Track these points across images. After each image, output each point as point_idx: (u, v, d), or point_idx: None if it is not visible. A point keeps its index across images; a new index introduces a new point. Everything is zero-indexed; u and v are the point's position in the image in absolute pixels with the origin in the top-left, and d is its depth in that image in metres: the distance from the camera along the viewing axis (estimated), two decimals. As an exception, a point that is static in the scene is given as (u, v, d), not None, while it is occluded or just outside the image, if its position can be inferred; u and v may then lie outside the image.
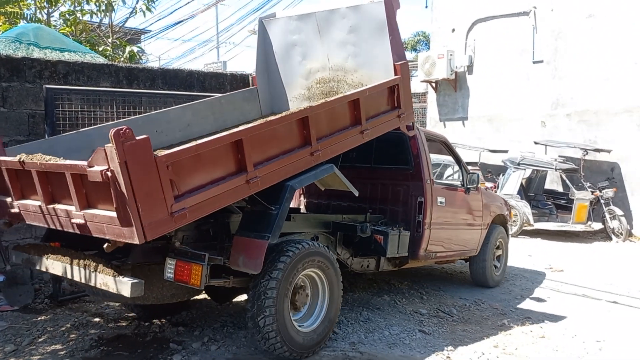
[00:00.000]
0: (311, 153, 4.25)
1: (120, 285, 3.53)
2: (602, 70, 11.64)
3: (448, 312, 5.69)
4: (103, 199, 3.29)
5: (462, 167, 6.52)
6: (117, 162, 3.02)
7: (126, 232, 3.18)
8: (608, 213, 10.74)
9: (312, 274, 4.37)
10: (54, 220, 3.70)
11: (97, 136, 4.53)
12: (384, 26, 5.11)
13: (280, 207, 4.00)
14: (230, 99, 5.80)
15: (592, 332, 5.31)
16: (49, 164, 3.54)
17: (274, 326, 3.92)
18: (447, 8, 14.75)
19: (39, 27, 8.12)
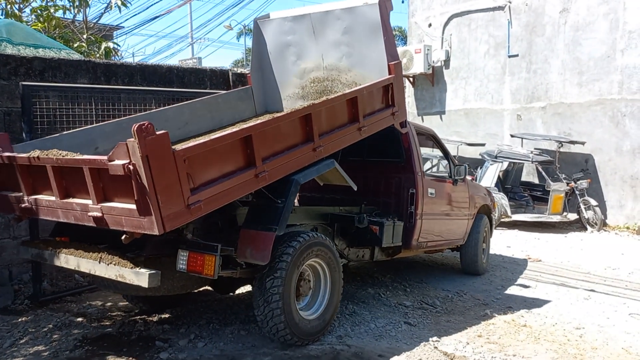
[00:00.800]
0: (314, 149, 4.44)
1: (138, 276, 3.64)
2: (576, 63, 11.86)
3: (432, 303, 5.76)
4: (121, 192, 3.39)
5: (449, 160, 6.72)
6: (139, 156, 3.13)
7: (145, 224, 3.29)
8: (583, 204, 10.97)
9: (315, 263, 4.53)
10: (69, 214, 3.77)
11: (98, 133, 4.72)
12: (378, 27, 5.28)
13: (287, 201, 4.18)
14: (226, 98, 5.90)
15: (572, 320, 5.43)
16: (66, 159, 3.62)
17: (282, 318, 4.08)
18: (423, 3, 14.85)
19: (11, 22, 7.92)
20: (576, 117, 11.93)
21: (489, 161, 11.67)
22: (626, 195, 11.23)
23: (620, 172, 11.26)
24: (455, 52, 14.14)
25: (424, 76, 14.42)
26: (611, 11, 11.31)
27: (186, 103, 5.50)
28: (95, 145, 4.62)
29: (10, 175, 4.12)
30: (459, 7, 13.97)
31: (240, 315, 5.08)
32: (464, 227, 6.84)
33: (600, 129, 11.53)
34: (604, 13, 11.43)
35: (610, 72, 11.34)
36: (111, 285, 4.30)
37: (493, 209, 7.74)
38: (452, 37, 14.17)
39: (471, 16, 13.78)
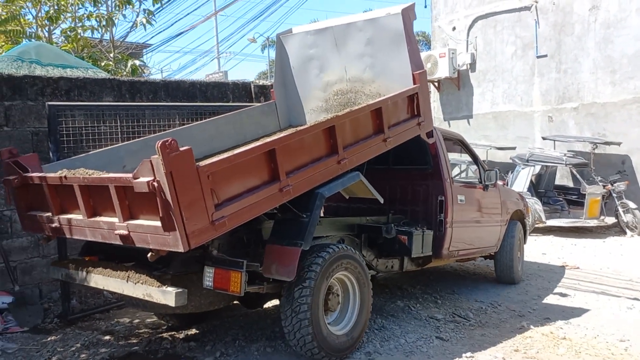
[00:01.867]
0: (338, 161, 4.37)
1: (165, 295, 3.64)
2: (608, 61, 11.51)
3: (464, 316, 5.57)
4: (146, 209, 3.40)
5: (479, 165, 6.58)
6: (163, 172, 3.14)
7: (170, 241, 3.29)
8: (621, 207, 10.57)
9: (344, 277, 4.45)
10: (96, 233, 3.80)
11: (125, 152, 4.77)
12: (402, 37, 5.21)
13: (312, 215, 4.13)
14: (250, 113, 5.91)
15: (615, 332, 5.18)
16: (92, 178, 3.66)
17: (309, 330, 4.00)
18: (446, 7, 14.67)
19: (40, 44, 8.10)
20: (610, 117, 11.55)
21: (520, 165, 11.38)
22: (666, 196, 10.81)
23: (660, 172, 10.87)
24: (481, 55, 13.90)
25: (450, 80, 14.21)
26: (644, 7, 10.97)
27: (211, 119, 5.54)
28: (123, 164, 4.65)
29: (40, 195, 4.15)
30: (484, 9, 13.74)
31: (267, 331, 5.00)
32: (496, 234, 6.64)
33: (637, 128, 11.12)
34: (637, 8, 11.07)
35: (645, 70, 10.97)
36: (139, 304, 4.31)
37: (527, 215, 7.51)
38: (477, 40, 13.94)
39: (496, 17, 13.53)
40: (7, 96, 5.56)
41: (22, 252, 5.63)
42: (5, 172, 4.25)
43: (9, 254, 5.54)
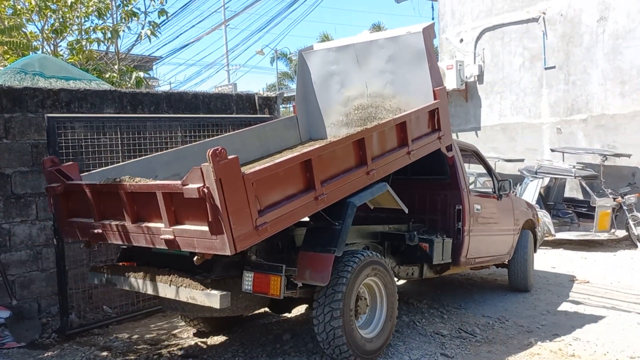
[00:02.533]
0: (367, 172, 4.56)
1: (209, 298, 3.79)
2: (617, 73, 11.38)
3: (471, 332, 5.42)
4: (193, 215, 3.56)
5: (492, 175, 6.80)
6: (213, 179, 3.31)
7: (217, 245, 3.44)
8: (632, 219, 10.37)
9: (371, 282, 4.60)
10: (140, 238, 3.92)
11: (157, 162, 4.98)
12: (422, 55, 5.44)
13: (344, 223, 4.31)
14: (273, 127, 6.15)
15: (626, 349, 5.02)
16: (139, 185, 3.82)
17: (341, 332, 4.15)
18: (454, 19, 14.63)
19: (44, 57, 8.11)
20: (620, 129, 11.39)
21: (528, 177, 11.22)
22: (679, 209, 10.59)
23: (671, 184, 10.66)
24: (488, 67, 13.81)
25: (457, 92, 14.12)
26: (653, 17, 10.84)
27: (237, 132, 5.77)
28: (155, 173, 4.77)
29: (82, 202, 4.27)
30: (491, 21, 13.68)
31: (267, 348, 4.89)
32: (510, 242, 6.80)
33: (647, 140, 10.97)
34: (645, 19, 10.96)
35: (655, 81, 10.82)
36: (178, 307, 4.49)
37: (537, 224, 7.63)
38: (484, 52, 13.86)
39: (504, 29, 13.46)
40: (7, 108, 5.52)
41: (20, 265, 5.56)
42: (48, 180, 4.40)
43: (7, 267, 5.47)
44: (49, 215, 5.57)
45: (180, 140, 6.45)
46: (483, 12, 13.93)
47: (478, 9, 14.05)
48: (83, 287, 5.72)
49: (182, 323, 5.74)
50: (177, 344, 5.14)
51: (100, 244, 4.89)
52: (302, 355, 4.73)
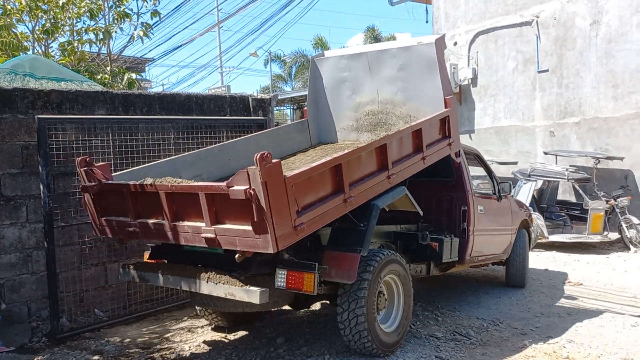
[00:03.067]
0: (388, 176, 4.79)
1: (249, 294, 3.99)
2: (610, 76, 11.42)
3: (465, 334, 5.40)
4: (235, 215, 3.75)
5: (492, 177, 7.07)
6: (259, 181, 3.50)
7: (260, 243, 3.63)
8: (624, 222, 10.40)
9: (390, 279, 4.83)
10: (178, 236, 4.10)
11: (181, 163, 5.16)
12: (434, 64, 5.69)
13: (369, 224, 4.56)
14: (286, 130, 6.42)
15: (619, 351, 5.01)
16: (182, 186, 3.99)
17: (365, 326, 4.40)
18: (448, 22, 14.66)
19: (34, 57, 8.02)
20: (613, 132, 11.43)
21: (522, 180, 11.23)
22: (671, 211, 10.62)
23: (663, 187, 10.70)
24: (482, 70, 13.84)
25: (451, 95, 14.11)
26: (645, 21, 10.89)
27: (253, 135, 6.04)
28: (180, 174, 4.89)
29: (117, 201, 4.43)
30: (485, 24, 13.71)
31: (261, 351, 4.85)
32: (508, 241, 7.10)
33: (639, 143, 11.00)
34: (638, 23, 11.01)
35: (647, 84, 10.86)
36: (210, 303, 4.69)
37: (531, 224, 7.92)
38: (478, 55, 13.89)
39: (497, 33, 13.49)
40: (-3, 109, 5.45)
41: (10, 268, 5.49)
42: (82, 179, 4.54)
43: (-4, 271, 5.40)
44: (40, 218, 5.51)
45: (173, 142, 6.41)
46: (477, 15, 13.96)
47: (472, 13, 14.08)
48: (74, 290, 5.66)
49: (174, 327, 5.69)
50: (170, 347, 5.09)
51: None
52: (296, 358, 4.69)
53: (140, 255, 5.51)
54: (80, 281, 5.73)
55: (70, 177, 5.65)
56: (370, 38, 36.69)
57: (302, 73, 38.34)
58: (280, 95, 28.80)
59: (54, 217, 5.38)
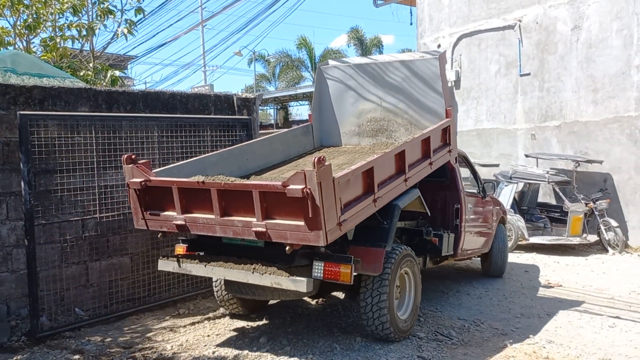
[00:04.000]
0: (405, 179, 5.25)
1: (296, 283, 4.35)
2: (590, 81, 11.60)
3: (447, 334, 5.45)
4: (286, 211, 4.09)
5: (477, 178, 7.67)
6: (315, 182, 3.87)
7: (312, 237, 4.01)
8: (603, 225, 10.57)
9: (403, 272, 5.26)
10: (227, 230, 4.44)
11: (207, 163, 5.50)
12: (437, 77, 6.24)
13: (391, 222, 5.06)
14: (294, 133, 6.83)
15: (597, 351, 5.10)
16: (235, 184, 4.33)
17: (386, 312, 4.84)
18: (432, 24, 14.75)
19: (16, 53, 7.91)
20: (592, 136, 11.61)
21: (503, 182, 11.35)
22: (648, 215, 10.83)
23: (641, 191, 10.89)
24: (465, 73, 13.96)
25: (435, 97, 14.20)
26: (624, 27, 11.07)
27: (266, 138, 6.41)
28: (206, 173, 5.20)
29: (160, 197, 4.76)
30: (468, 27, 13.83)
31: (243, 351, 4.83)
32: (491, 236, 7.71)
33: (618, 147, 11.18)
34: (617, 29, 11.20)
35: (627, 89, 11.04)
36: (249, 292, 5.07)
37: (506, 219, 8.63)
38: (461, 58, 14.01)
39: (481, 36, 13.62)
40: (-22, 105, 5.36)
41: (-10, 266, 5.40)
42: (128, 175, 4.82)
43: (-25, 268, 5.32)
44: (20, 215, 5.43)
45: (157, 140, 6.37)
46: (460, 18, 14.08)
47: (455, 16, 14.20)
48: (54, 289, 5.60)
49: (156, 326, 5.66)
50: (152, 347, 5.05)
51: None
52: (279, 358, 4.70)
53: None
54: (60, 280, 5.67)
55: (52, 174, 5.60)
56: (354, 39, 36.80)
57: (285, 73, 38.30)
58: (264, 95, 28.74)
59: (35, 215, 5.32)
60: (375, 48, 37.11)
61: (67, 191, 5.67)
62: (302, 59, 38.17)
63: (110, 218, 6.02)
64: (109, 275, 6.06)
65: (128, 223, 6.18)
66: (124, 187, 6.11)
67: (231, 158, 5.80)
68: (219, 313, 6.08)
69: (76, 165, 5.74)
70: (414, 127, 6.50)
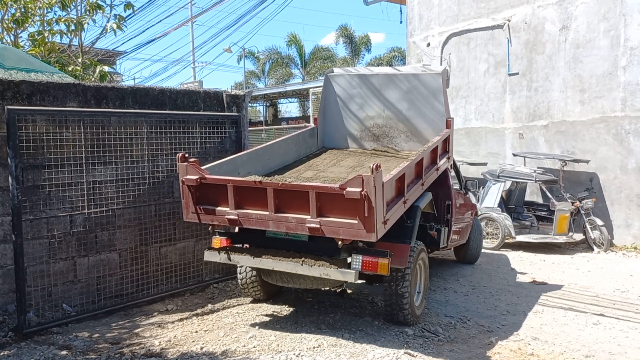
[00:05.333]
0: (422, 184, 5.81)
1: (344, 274, 4.88)
2: (577, 81, 11.72)
3: (434, 331, 5.51)
4: (339, 210, 4.54)
5: (459, 175, 8.56)
6: (372, 185, 4.35)
7: (364, 234, 4.49)
8: (589, 223, 10.69)
9: (418, 265, 5.76)
10: (280, 225, 4.83)
11: (239, 162, 5.85)
12: (440, 90, 6.88)
13: (414, 221, 5.63)
14: (303, 136, 7.28)
15: (581, 348, 5.18)
16: (293, 184, 4.75)
17: (407, 300, 5.40)
18: (421, 23, 14.81)
19: (4, 47, 7.84)
20: (579, 135, 11.74)
21: (491, 181, 11.45)
22: (633, 214, 10.97)
23: (626, 190, 11.03)
24: (454, 71, 14.04)
25: (424, 96, 14.25)
26: (612, 28, 11.20)
27: (282, 139, 6.83)
28: (238, 171, 5.70)
29: (213, 193, 5.10)
30: (457, 26, 13.91)
31: (231, 347, 4.84)
32: (469, 228, 8.47)
33: (605, 146, 11.32)
34: (605, 30, 11.32)
35: (613, 89, 11.18)
36: (290, 281, 5.57)
37: (477, 212, 9.54)
38: (451, 57, 14.09)
39: (470, 35, 13.70)
40: (-35, 99, 5.32)
41: (-24, 262, 5.37)
42: (182, 172, 5.14)
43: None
44: (8, 210, 5.41)
45: (145, 137, 6.36)
46: (450, 17, 14.15)
47: (445, 15, 14.27)
48: (42, 284, 5.58)
49: (144, 322, 5.65)
50: (140, 343, 5.05)
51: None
52: (266, 354, 4.72)
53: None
54: (48, 275, 5.65)
55: (40, 169, 5.57)
56: (343, 36, 36.86)
57: (275, 70, 38.25)
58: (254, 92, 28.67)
59: (23, 210, 5.30)
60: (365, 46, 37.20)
61: (55, 186, 5.65)
62: (291, 56, 38.18)
63: (98, 214, 6.01)
64: (97, 271, 6.05)
65: (116, 219, 6.18)
66: (112, 183, 6.12)
67: (257, 157, 6.21)
68: (207, 309, 6.09)
69: (64, 160, 5.72)
70: (414, 135, 7.14)
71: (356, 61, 36.85)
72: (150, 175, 6.43)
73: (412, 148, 7.16)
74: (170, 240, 6.66)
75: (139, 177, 6.34)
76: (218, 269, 7.08)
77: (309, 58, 37.83)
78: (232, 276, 7.10)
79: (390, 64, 33.72)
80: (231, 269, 7.05)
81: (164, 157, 6.57)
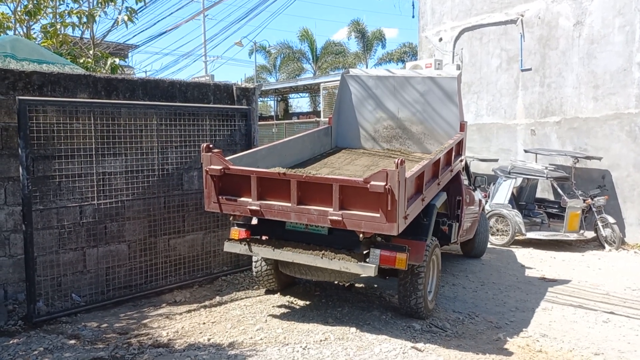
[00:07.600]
0: (438, 183, 5.93)
1: (364, 268, 4.94)
2: (591, 77, 11.59)
3: (441, 326, 5.48)
4: (362, 203, 4.61)
5: (468, 171, 8.62)
6: (396, 180, 4.44)
7: (386, 227, 4.56)
8: (600, 221, 10.59)
9: (431, 260, 5.79)
10: (302, 217, 4.88)
11: (259, 156, 5.96)
12: (455, 94, 7.00)
13: (430, 220, 5.70)
14: (319, 134, 7.42)
15: (590, 345, 5.13)
16: (317, 177, 4.81)
17: (422, 294, 5.49)
18: (434, 17, 14.71)
19: (16, 38, 7.89)
20: (592, 132, 11.61)
21: (502, 177, 11.37)
22: (645, 212, 10.84)
23: (639, 188, 10.90)
24: (466, 67, 13.93)
25: (435, 91, 14.17)
26: (627, 23, 11.05)
27: (299, 136, 6.97)
28: (257, 164, 5.70)
29: (236, 184, 5.15)
30: (470, 21, 13.80)
31: (239, 339, 4.85)
32: (476, 223, 8.56)
33: (618, 144, 11.19)
34: (620, 25, 11.17)
35: (627, 86, 11.03)
36: (309, 273, 5.59)
37: (484, 208, 9.56)
38: (463, 52, 13.98)
39: (483, 30, 13.59)
40: (-23, 89, 5.36)
41: (-14, 251, 5.42)
42: (206, 162, 5.19)
43: (-27, 252, 5.33)
44: (18, 200, 5.45)
45: (155, 129, 6.37)
46: (462, 12, 14.04)
47: (457, 9, 14.15)
48: (52, 274, 5.62)
49: (152, 313, 5.68)
50: (147, 333, 5.08)
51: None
52: (273, 346, 4.73)
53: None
54: (58, 265, 5.69)
55: (50, 160, 5.60)
56: (355, 31, 36.66)
57: (286, 64, 38.21)
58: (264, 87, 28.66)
59: (33, 200, 5.33)
60: (377, 41, 36.97)
61: (65, 177, 5.68)
62: (303, 50, 38.09)
63: (108, 205, 6.04)
64: (106, 262, 6.08)
65: (126, 210, 6.21)
66: (122, 174, 6.14)
67: (275, 152, 6.29)
68: (215, 301, 6.10)
69: (74, 151, 5.74)
70: (428, 137, 7.26)
71: (368, 56, 36.73)
72: (160, 167, 6.45)
73: (425, 150, 7.22)
74: (179, 232, 6.69)
75: (149, 168, 6.36)
76: (226, 262, 7.10)
77: (321, 53, 37.73)
78: (240, 269, 7.11)
79: (402, 61, 33.58)
80: (240, 262, 7.07)
81: (174, 149, 6.59)
